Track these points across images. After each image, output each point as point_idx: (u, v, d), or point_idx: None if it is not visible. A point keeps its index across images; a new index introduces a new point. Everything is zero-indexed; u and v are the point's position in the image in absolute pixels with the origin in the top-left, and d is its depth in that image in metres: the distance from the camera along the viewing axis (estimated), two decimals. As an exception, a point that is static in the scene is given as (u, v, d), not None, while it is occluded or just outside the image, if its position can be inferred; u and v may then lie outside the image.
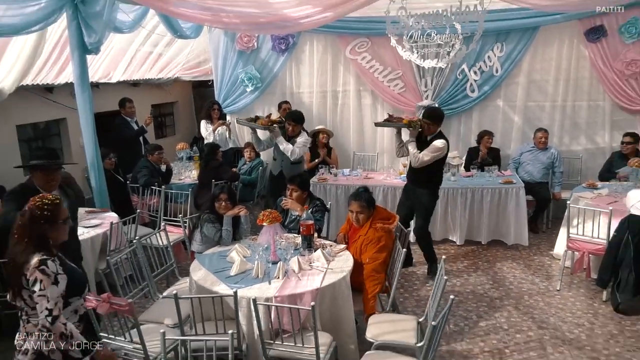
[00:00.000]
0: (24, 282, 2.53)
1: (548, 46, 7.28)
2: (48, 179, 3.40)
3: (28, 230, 2.57)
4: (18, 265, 2.53)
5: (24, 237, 2.57)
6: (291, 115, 6.04)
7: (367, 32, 7.60)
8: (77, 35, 5.22)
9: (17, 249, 2.56)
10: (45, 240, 2.61)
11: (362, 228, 4.18)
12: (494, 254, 6.18)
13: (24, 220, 2.59)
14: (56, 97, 7.21)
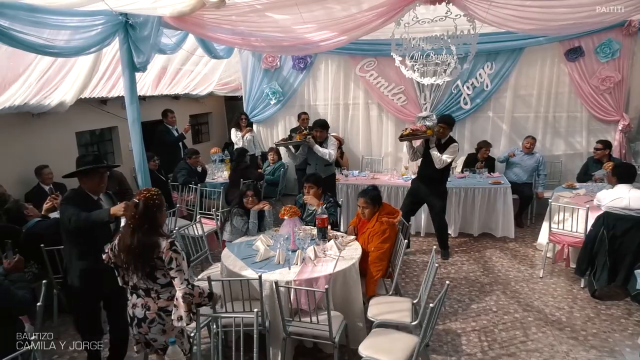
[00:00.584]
0: (158, 263, 2.59)
1: (532, 64, 7.17)
2: (95, 183, 3.21)
3: (145, 218, 2.61)
4: (148, 249, 2.58)
5: (142, 224, 2.60)
6: (318, 123, 5.83)
7: (374, 53, 7.54)
8: (128, 56, 5.22)
9: (139, 236, 2.59)
10: (157, 224, 2.67)
11: (370, 221, 4.13)
12: (484, 245, 6.07)
13: (139, 210, 2.61)
14: (109, 108, 7.25)
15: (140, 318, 2.70)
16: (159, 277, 2.64)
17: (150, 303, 2.69)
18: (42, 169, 5.62)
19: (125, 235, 2.66)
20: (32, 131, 5.99)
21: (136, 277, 2.67)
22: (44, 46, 4.13)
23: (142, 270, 2.62)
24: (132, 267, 2.64)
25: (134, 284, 2.73)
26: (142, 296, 2.72)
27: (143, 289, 2.70)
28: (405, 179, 6.46)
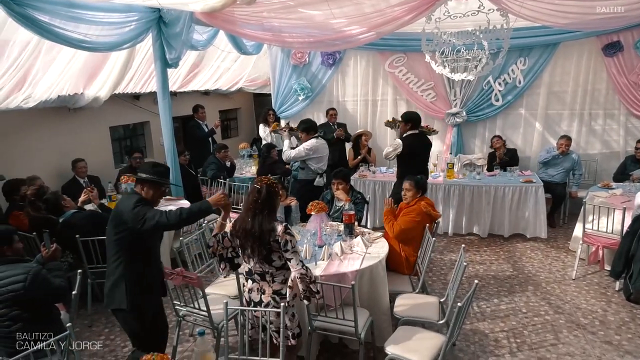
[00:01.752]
0: (274, 246, 2.69)
1: (568, 60, 6.94)
2: (158, 195, 3.00)
3: (266, 203, 2.72)
4: (265, 233, 2.66)
5: (263, 209, 2.71)
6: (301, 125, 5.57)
7: (403, 48, 7.46)
8: (160, 52, 5.32)
9: (260, 220, 2.69)
10: (275, 209, 2.79)
11: (410, 207, 4.14)
12: (514, 245, 5.94)
13: (262, 196, 2.72)
14: (142, 104, 7.42)
15: (256, 302, 2.81)
16: (274, 259, 2.73)
17: (265, 287, 2.79)
18: (77, 162, 5.80)
19: (245, 220, 2.74)
20: (69, 125, 6.18)
21: (253, 261, 2.77)
22: (81, 41, 4.25)
23: (260, 253, 2.70)
24: (250, 250, 2.73)
25: (249, 269, 2.83)
26: (257, 280, 2.82)
27: (258, 273, 2.80)
28: (433, 176, 6.38)
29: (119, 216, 2.81)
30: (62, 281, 3.10)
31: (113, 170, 6.83)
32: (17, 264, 2.94)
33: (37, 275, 2.90)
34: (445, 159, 7.13)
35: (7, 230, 3.03)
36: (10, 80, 4.84)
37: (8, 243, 2.97)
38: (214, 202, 2.91)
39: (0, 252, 2.93)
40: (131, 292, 2.83)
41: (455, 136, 7.55)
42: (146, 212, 2.71)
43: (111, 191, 5.22)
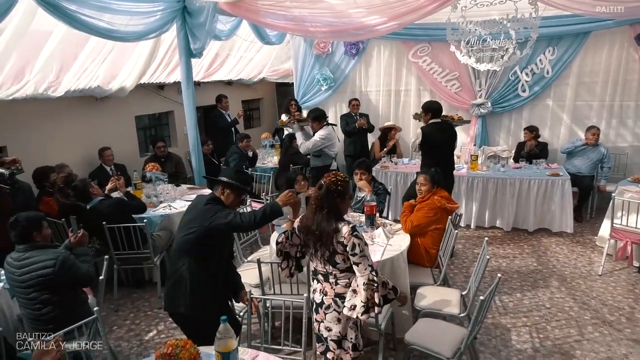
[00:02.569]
0: (338, 248, 2.50)
1: (598, 50, 6.71)
2: (237, 202, 2.93)
3: (325, 201, 2.55)
4: (327, 233, 2.50)
5: (322, 208, 2.55)
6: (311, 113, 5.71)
7: (428, 38, 7.33)
8: (185, 42, 5.37)
9: (318, 218, 2.54)
10: (339, 210, 2.58)
11: (424, 201, 4.10)
12: (538, 240, 5.84)
13: (321, 193, 2.57)
14: (166, 93, 7.51)
15: (317, 303, 2.64)
16: (339, 261, 2.53)
17: (328, 288, 2.61)
18: (104, 151, 5.92)
19: (308, 217, 2.62)
20: (95, 114, 6.31)
21: (317, 260, 2.62)
22: (108, 30, 4.32)
23: (322, 253, 2.55)
24: (312, 249, 2.60)
25: (314, 269, 2.68)
26: (320, 281, 2.65)
27: (322, 274, 2.63)
28: (457, 168, 6.27)
29: (190, 215, 2.77)
30: (90, 266, 3.19)
31: (138, 158, 6.96)
32: (47, 250, 3.03)
33: (65, 261, 2.99)
34: (469, 150, 7.03)
35: (36, 216, 3.11)
36: (47, 70, 4.95)
37: (37, 229, 3.05)
38: (283, 201, 2.86)
39: (30, 238, 3.01)
40: (193, 296, 2.69)
41: (479, 127, 7.43)
42: (217, 211, 2.67)
43: (136, 179, 5.32)
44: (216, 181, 2.90)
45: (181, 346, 1.94)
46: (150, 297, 4.58)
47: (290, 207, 2.97)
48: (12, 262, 2.99)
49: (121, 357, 3.66)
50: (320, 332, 2.64)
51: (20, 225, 2.99)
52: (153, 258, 4.44)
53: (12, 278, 2.99)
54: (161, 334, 3.97)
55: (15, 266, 2.97)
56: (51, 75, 5.10)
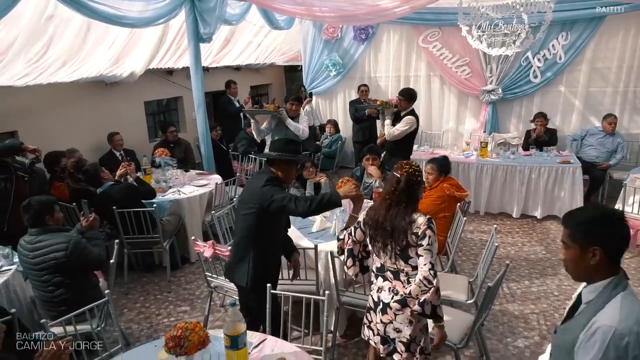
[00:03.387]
0: (412, 240, 2.31)
1: (613, 35, 6.57)
2: (293, 174, 2.93)
3: (405, 194, 2.36)
4: (401, 228, 2.31)
5: (400, 202, 2.35)
6: (293, 95, 5.53)
7: (438, 22, 7.24)
8: (194, 27, 5.35)
9: (393, 213, 2.35)
10: (416, 200, 2.44)
11: (432, 189, 4.09)
12: (547, 227, 5.80)
13: (401, 186, 2.36)
14: (175, 79, 7.50)
15: (385, 303, 2.41)
16: (411, 256, 2.33)
17: (399, 287, 2.39)
18: (114, 136, 5.95)
19: (378, 211, 2.41)
20: (105, 100, 6.33)
21: (385, 256, 2.41)
22: (118, 17, 4.32)
23: (394, 248, 2.35)
24: (381, 244, 2.39)
25: (380, 265, 2.47)
26: (389, 279, 2.44)
27: (392, 271, 2.42)
28: (466, 155, 6.25)
29: (249, 193, 2.77)
30: (101, 250, 3.24)
31: (148, 144, 6.99)
32: (59, 233, 3.09)
33: (77, 244, 3.04)
34: (479, 137, 6.98)
35: (49, 200, 3.15)
36: (57, 57, 4.97)
37: (50, 212, 3.10)
38: (344, 193, 2.70)
39: (43, 222, 3.06)
40: (252, 270, 2.79)
41: (489, 114, 7.35)
42: (274, 193, 2.62)
43: (145, 165, 5.35)
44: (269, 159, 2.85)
45: (190, 329, 1.96)
46: (160, 281, 4.64)
47: (350, 201, 2.78)
48: (25, 245, 3.05)
49: (131, 338, 3.72)
50: (387, 334, 2.43)
51: (32, 209, 3.03)
52: (162, 242, 4.48)
53: (25, 261, 3.05)
54: (170, 317, 4.03)
55: (28, 249, 3.02)
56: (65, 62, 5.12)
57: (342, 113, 8.44)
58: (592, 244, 1.55)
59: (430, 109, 7.95)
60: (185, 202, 4.87)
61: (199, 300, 4.30)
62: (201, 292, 4.42)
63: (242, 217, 2.82)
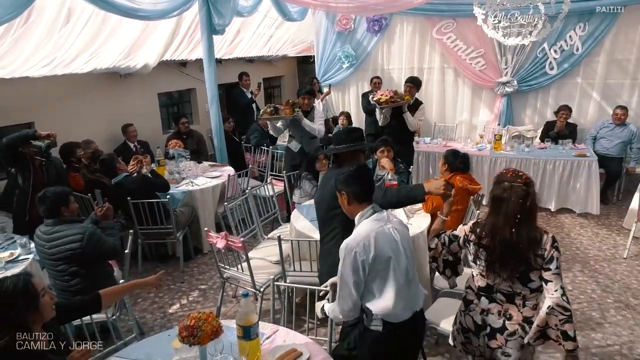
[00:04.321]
0: (536, 262, 2.10)
1: (632, 26, 6.41)
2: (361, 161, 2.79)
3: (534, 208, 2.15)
4: (533, 246, 2.09)
5: (530, 216, 2.12)
6: (306, 90, 5.35)
7: (453, 13, 7.14)
8: (207, 19, 5.35)
9: (525, 230, 2.09)
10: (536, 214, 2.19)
11: None
12: (562, 221, 5.74)
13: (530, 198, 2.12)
14: (188, 71, 7.52)
15: (495, 328, 2.22)
16: (533, 279, 2.13)
17: (513, 311, 2.20)
18: (128, 127, 5.99)
19: (502, 229, 2.12)
20: (119, 91, 6.37)
21: (498, 277, 2.18)
22: (133, 9, 4.33)
23: (515, 269, 2.12)
24: (499, 264, 2.14)
25: (487, 285, 2.25)
26: (499, 301, 2.22)
27: (504, 293, 2.20)
28: (479, 148, 6.18)
29: (329, 194, 2.56)
30: (115, 239, 3.29)
31: (161, 135, 7.03)
32: (74, 224, 3.14)
33: (92, 235, 3.09)
34: (493, 130, 6.90)
35: (64, 191, 3.21)
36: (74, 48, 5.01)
37: (65, 204, 3.15)
38: (430, 189, 2.47)
39: (58, 212, 3.11)
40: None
41: (504, 106, 7.25)
42: None
43: (159, 156, 5.39)
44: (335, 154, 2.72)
45: (204, 319, 1.98)
46: (174, 272, 4.68)
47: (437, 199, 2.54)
48: (41, 236, 3.10)
49: (145, 328, 3.77)
50: (494, 356, 2.26)
51: (48, 200, 3.08)
52: (176, 233, 4.53)
53: (42, 250, 3.10)
54: (184, 307, 4.07)
55: (44, 239, 3.07)
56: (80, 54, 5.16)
57: (354, 105, 8.40)
58: (339, 190, 2.26)
59: (443, 101, 7.88)
60: (198, 193, 4.91)
61: (212, 290, 4.33)
62: (214, 283, 4.46)
63: (327, 221, 2.68)
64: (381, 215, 2.19)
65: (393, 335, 2.17)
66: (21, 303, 1.82)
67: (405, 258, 2.18)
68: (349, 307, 2.15)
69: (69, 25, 4.72)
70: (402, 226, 2.28)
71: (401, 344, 2.23)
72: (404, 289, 2.16)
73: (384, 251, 2.10)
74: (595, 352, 3.35)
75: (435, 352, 3.35)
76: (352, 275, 2.09)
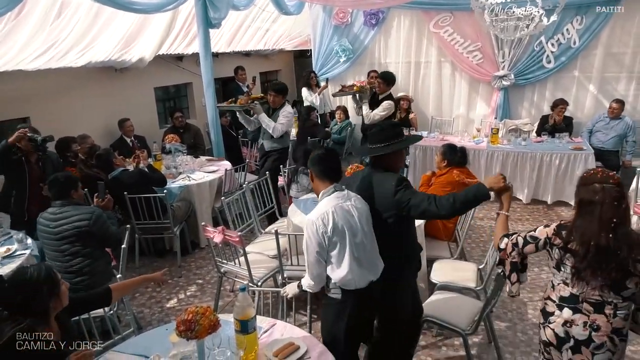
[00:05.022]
0: (636, 268, 1.94)
1: (629, 19, 6.41)
2: (400, 161, 2.69)
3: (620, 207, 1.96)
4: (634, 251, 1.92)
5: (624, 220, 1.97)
6: (273, 86, 5.05)
7: (450, 7, 7.12)
8: (203, 12, 5.32)
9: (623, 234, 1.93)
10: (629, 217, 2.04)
11: (442, 175, 4.06)
12: (558, 214, 5.76)
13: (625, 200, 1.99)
14: (185, 65, 7.49)
15: (580, 340, 2.04)
16: (629, 286, 1.96)
17: (602, 321, 2.00)
18: (124, 122, 5.97)
19: (593, 231, 1.95)
20: (115, 85, 6.34)
21: (586, 286, 2.01)
22: (128, 2, 4.30)
23: (610, 276, 1.94)
24: (590, 272, 1.96)
25: (571, 295, 2.07)
26: (585, 311, 2.03)
27: (592, 302, 2.02)
28: (476, 142, 6.19)
29: (379, 201, 2.45)
30: (116, 229, 3.40)
31: (158, 130, 7.01)
32: (82, 206, 3.28)
33: (100, 216, 3.24)
34: (490, 124, 6.90)
35: (73, 177, 3.37)
36: (68, 41, 4.98)
37: (74, 187, 3.28)
38: (491, 184, 2.32)
39: (68, 195, 3.23)
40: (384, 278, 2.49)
41: (501, 100, 7.24)
42: (410, 198, 2.35)
43: (156, 151, 5.38)
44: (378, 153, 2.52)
45: (201, 313, 1.98)
46: (171, 266, 4.68)
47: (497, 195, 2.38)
48: (47, 216, 3.19)
49: (143, 322, 3.78)
50: None
51: (59, 182, 3.21)
52: (173, 228, 4.52)
53: (46, 231, 3.18)
54: (182, 302, 4.08)
55: (50, 219, 3.16)
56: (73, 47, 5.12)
57: (351, 99, 8.37)
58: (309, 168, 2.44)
59: (440, 95, 7.87)
60: (195, 188, 4.90)
61: (209, 285, 4.34)
62: (211, 277, 4.46)
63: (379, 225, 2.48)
64: (342, 194, 2.35)
65: (351, 301, 2.36)
66: (45, 290, 1.90)
67: (362, 232, 2.34)
68: (317, 272, 2.35)
69: (62, 17, 4.69)
70: (362, 204, 2.41)
71: (358, 310, 2.40)
72: (359, 260, 2.32)
73: (341, 224, 2.27)
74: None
75: (433, 345, 3.37)
76: (316, 247, 2.29)
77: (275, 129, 4.89)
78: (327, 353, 2.15)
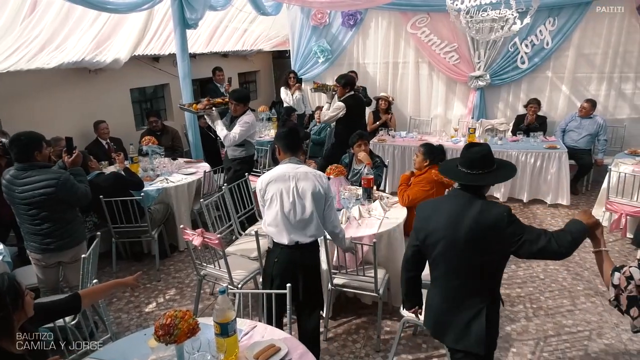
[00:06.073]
0: None
1: (599, 20, 6.59)
2: None
3: None
4: None
5: None
6: (233, 94, 4.83)
7: (427, 8, 7.20)
8: (179, 12, 5.26)
9: None
10: None
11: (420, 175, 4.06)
12: (534, 212, 5.88)
13: None
14: (161, 66, 7.39)
15: None
16: None
17: None
18: (99, 124, 5.85)
19: None
20: (90, 87, 6.21)
21: None
22: (100, 2, 4.22)
23: None
24: None
25: None
26: None
27: None
28: (454, 141, 6.27)
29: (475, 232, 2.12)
30: (85, 186, 3.34)
31: (134, 132, 6.90)
32: (47, 170, 3.14)
33: (67, 180, 3.14)
34: (467, 123, 7.00)
35: (38, 136, 3.17)
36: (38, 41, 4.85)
37: (38, 148, 3.12)
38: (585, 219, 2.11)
39: (32, 157, 3.09)
40: (488, 330, 2.17)
41: (477, 100, 7.36)
42: (522, 232, 2.08)
43: (133, 153, 5.28)
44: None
45: (180, 317, 1.95)
46: (149, 270, 4.61)
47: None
48: (11, 179, 3.08)
49: (121, 327, 3.71)
50: None
51: (22, 142, 3.07)
52: (151, 231, 4.45)
53: (12, 194, 3.11)
54: (161, 306, 4.02)
55: (16, 183, 3.07)
56: (44, 47, 5.00)
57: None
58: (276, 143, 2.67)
59: (418, 95, 7.95)
60: (173, 190, 4.83)
61: (189, 288, 4.29)
62: (191, 281, 4.41)
63: (468, 264, 2.16)
64: (291, 165, 2.79)
65: (277, 251, 2.80)
66: (7, 301, 1.77)
67: (294, 198, 2.73)
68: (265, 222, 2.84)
69: (32, 15, 4.57)
70: (308, 179, 2.76)
71: (283, 263, 2.78)
72: (285, 219, 2.73)
73: (274, 186, 2.74)
74: (565, 338, 3.45)
75: (412, 343, 3.40)
76: (261, 200, 2.83)
77: (226, 137, 4.66)
78: (308, 354, 2.15)
